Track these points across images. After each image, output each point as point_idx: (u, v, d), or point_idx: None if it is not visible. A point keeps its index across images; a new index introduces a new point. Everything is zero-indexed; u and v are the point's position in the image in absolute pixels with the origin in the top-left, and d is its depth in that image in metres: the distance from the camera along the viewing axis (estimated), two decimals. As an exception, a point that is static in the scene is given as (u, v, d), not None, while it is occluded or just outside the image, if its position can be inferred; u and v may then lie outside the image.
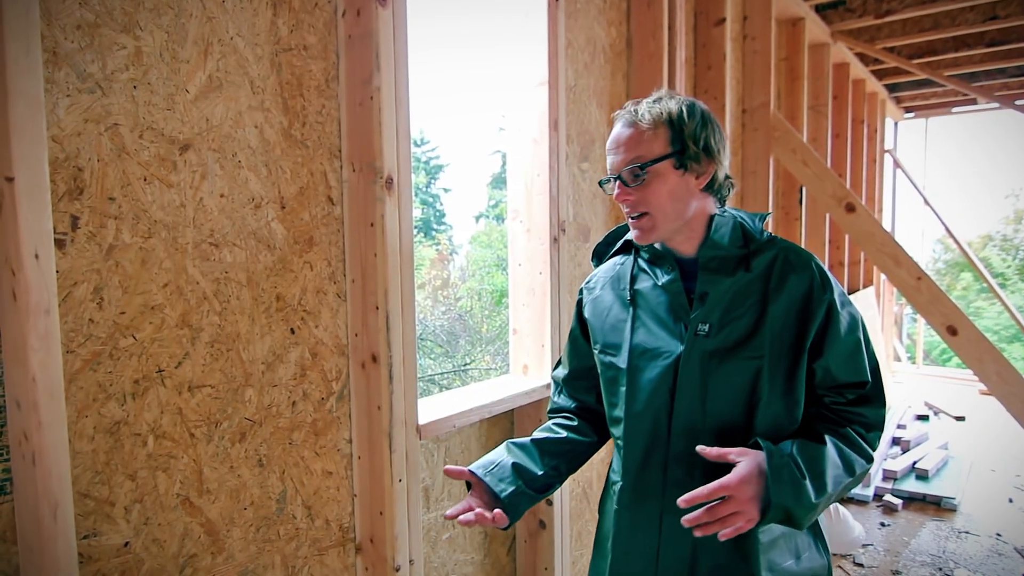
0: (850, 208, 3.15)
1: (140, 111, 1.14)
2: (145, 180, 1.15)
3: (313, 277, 1.45)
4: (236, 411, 1.31)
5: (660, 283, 1.19)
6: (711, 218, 1.16)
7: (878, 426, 1.15)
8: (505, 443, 1.28)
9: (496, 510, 1.12)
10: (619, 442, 1.24)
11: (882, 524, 3.55)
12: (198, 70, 1.22)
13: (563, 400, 1.39)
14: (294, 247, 1.40)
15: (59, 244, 1.04)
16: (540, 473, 1.23)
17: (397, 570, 1.51)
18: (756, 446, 1.05)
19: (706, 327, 1.13)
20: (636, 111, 1.14)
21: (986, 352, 2.84)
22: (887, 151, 6.96)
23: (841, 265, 5.19)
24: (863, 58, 5.32)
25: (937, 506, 3.77)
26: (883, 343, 5.82)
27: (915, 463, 4.16)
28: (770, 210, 3.47)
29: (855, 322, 1.13)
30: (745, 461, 1.00)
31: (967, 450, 4.65)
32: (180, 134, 1.20)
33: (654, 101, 1.14)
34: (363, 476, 1.53)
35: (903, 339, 8.41)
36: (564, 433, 1.31)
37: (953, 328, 2.91)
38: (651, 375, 1.16)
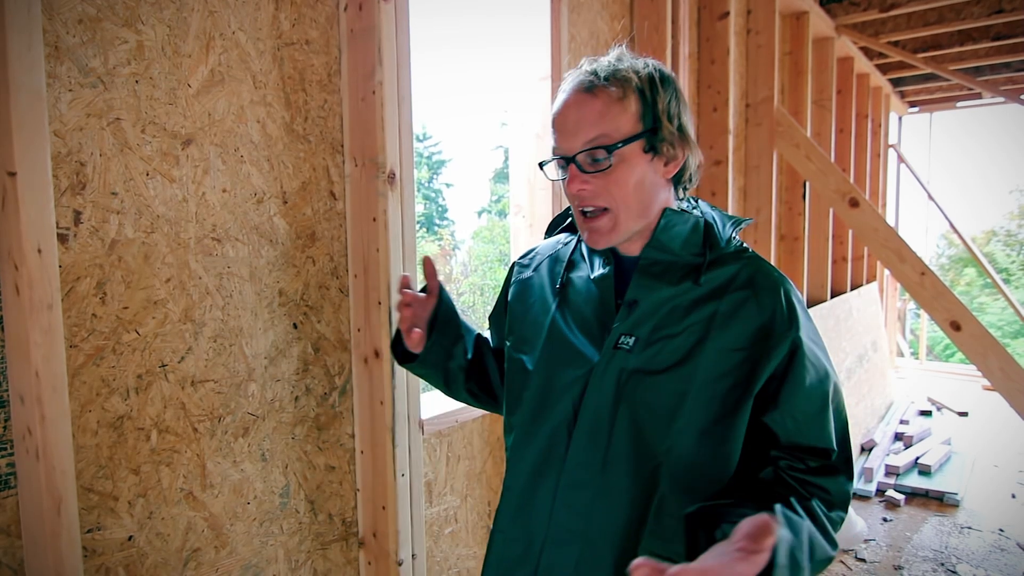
0: (854, 203, 3.14)
1: (142, 106, 1.13)
2: (147, 175, 1.15)
3: (315, 272, 1.45)
4: (239, 406, 1.31)
5: (593, 276, 0.99)
6: (663, 212, 0.93)
7: (842, 505, 0.89)
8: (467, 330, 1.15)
9: (417, 332, 1.02)
10: (508, 454, 1.03)
11: (884, 519, 3.55)
12: (200, 64, 1.21)
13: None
14: (296, 242, 1.40)
15: (62, 239, 1.04)
16: (453, 381, 1.12)
17: (400, 564, 1.52)
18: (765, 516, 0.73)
19: (630, 340, 0.91)
20: (596, 73, 0.88)
21: (990, 348, 2.84)
22: (891, 146, 6.93)
23: (844, 260, 5.18)
24: (867, 52, 5.30)
25: (940, 501, 3.77)
26: (887, 339, 5.81)
27: (918, 458, 4.16)
28: (773, 204, 3.46)
29: (824, 373, 0.89)
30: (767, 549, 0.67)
31: (970, 446, 4.64)
32: (182, 129, 1.19)
33: (617, 60, 0.90)
34: (366, 471, 1.54)
35: (906, 335, 8.40)
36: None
37: (957, 323, 2.90)
38: (558, 383, 0.95)
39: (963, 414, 5.49)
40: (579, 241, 1.06)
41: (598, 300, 0.97)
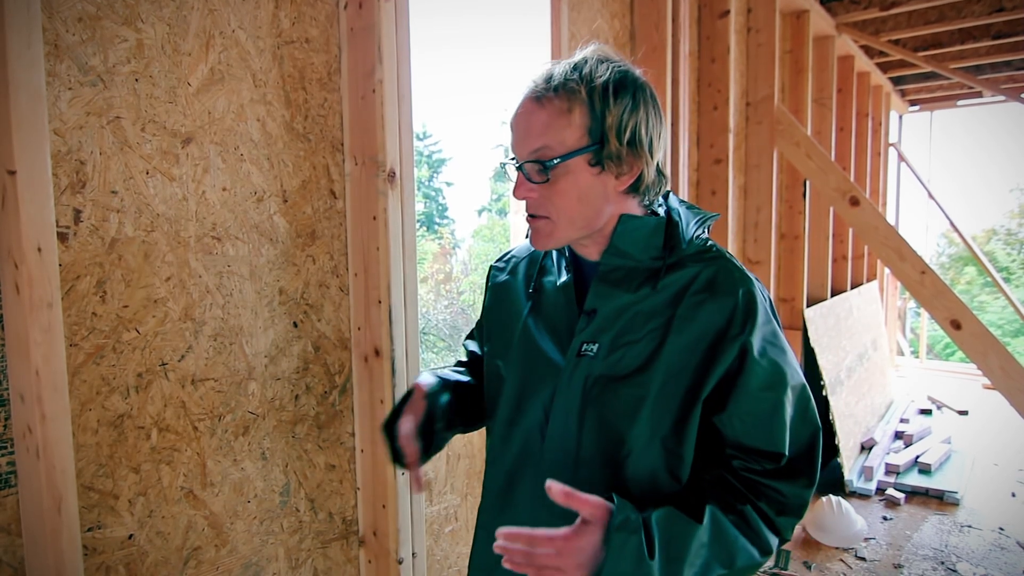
0: (854, 202, 3.14)
1: (142, 104, 1.13)
2: (147, 173, 1.15)
3: (316, 271, 1.44)
4: (239, 404, 1.31)
5: (558, 284, 0.99)
6: (620, 218, 0.92)
7: (795, 510, 0.89)
8: (439, 378, 1.09)
9: (422, 475, 0.98)
10: (487, 455, 1.06)
11: (884, 518, 3.56)
12: (200, 63, 1.21)
13: (471, 370, 1.22)
14: (296, 240, 1.40)
15: (62, 237, 1.04)
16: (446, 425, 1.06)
17: (400, 563, 1.52)
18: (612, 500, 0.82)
19: (594, 347, 0.91)
20: (549, 80, 0.87)
21: (990, 346, 2.84)
22: (891, 144, 6.93)
23: (845, 259, 5.18)
24: (868, 51, 5.29)
25: (940, 500, 3.77)
26: (887, 338, 5.81)
27: (918, 457, 4.16)
28: (773, 203, 3.46)
29: (778, 377, 0.88)
30: (591, 522, 0.78)
31: (970, 444, 4.64)
32: (182, 127, 1.19)
33: (574, 68, 0.87)
34: (366, 469, 1.54)
35: (907, 333, 8.40)
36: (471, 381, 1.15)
37: (957, 322, 2.90)
38: (530, 388, 0.97)
39: (963, 413, 5.49)
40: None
41: (564, 307, 0.97)
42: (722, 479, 0.90)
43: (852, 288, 5.24)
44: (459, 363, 1.26)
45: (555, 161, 0.86)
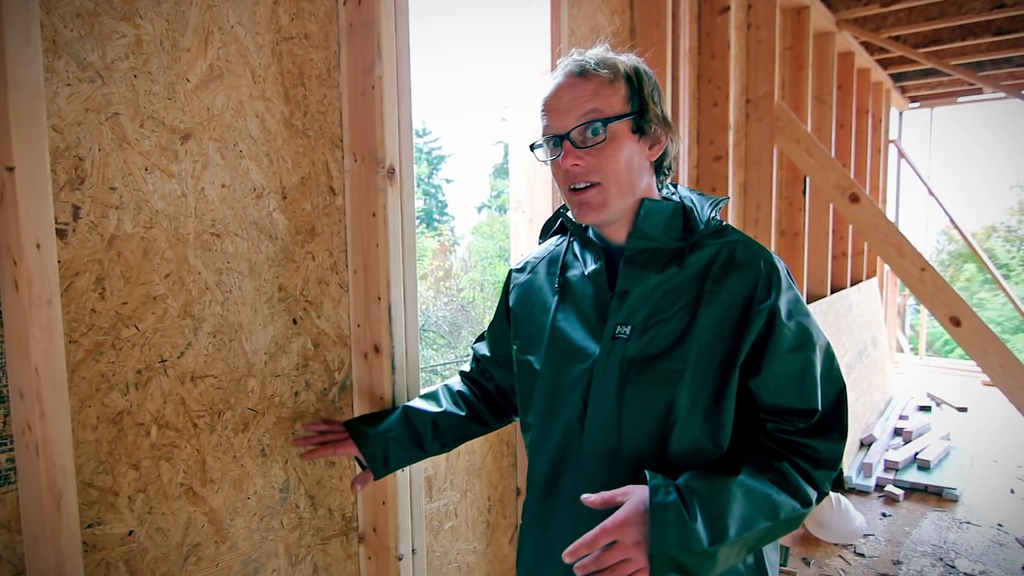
0: (854, 198, 3.13)
1: (141, 100, 1.13)
2: (146, 170, 1.15)
3: (315, 267, 1.44)
4: (239, 401, 1.31)
5: (586, 273, 1.03)
6: (641, 202, 0.98)
7: (830, 464, 0.94)
8: (404, 412, 1.23)
9: (365, 474, 1.14)
10: (528, 450, 1.10)
11: (884, 514, 3.56)
12: (199, 59, 1.21)
13: (478, 374, 1.29)
14: (296, 237, 1.40)
15: (60, 234, 1.04)
16: (425, 452, 1.19)
17: (400, 559, 1.52)
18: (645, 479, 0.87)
19: (627, 329, 0.96)
20: (588, 59, 0.95)
21: (989, 343, 2.84)
22: (892, 141, 6.92)
23: (844, 256, 5.18)
24: (868, 47, 5.28)
25: (939, 496, 3.78)
26: (887, 334, 5.81)
27: (917, 454, 4.17)
28: (773, 199, 3.45)
29: (805, 338, 0.94)
30: (630, 500, 0.83)
31: (969, 441, 4.65)
32: (181, 123, 1.19)
33: (604, 51, 0.97)
34: (366, 466, 1.54)
35: (906, 330, 8.40)
36: (465, 412, 1.23)
37: (956, 319, 2.90)
38: (566, 380, 1.01)
39: (962, 410, 5.50)
40: (571, 242, 1.10)
41: (594, 295, 1.01)
42: (757, 442, 0.94)
43: (852, 285, 5.24)
44: (462, 374, 1.32)
45: (611, 119, 0.91)
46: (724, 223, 1.01)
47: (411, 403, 1.22)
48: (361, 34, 1.42)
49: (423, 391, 1.27)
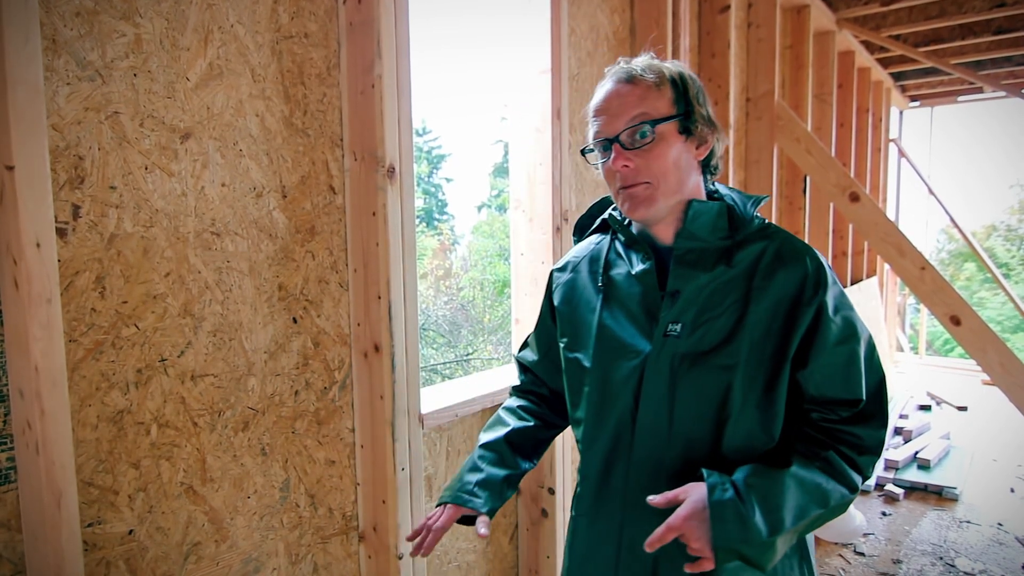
0: (854, 197, 3.13)
1: (140, 99, 1.13)
2: (146, 169, 1.15)
3: (315, 266, 1.44)
4: (239, 400, 1.31)
5: (634, 272, 1.06)
6: (689, 203, 1.01)
7: (873, 450, 0.99)
8: (478, 453, 1.20)
9: (481, 519, 1.08)
10: (580, 445, 1.14)
11: (883, 513, 3.56)
12: (198, 58, 1.21)
13: (531, 384, 1.31)
14: (296, 236, 1.40)
15: (60, 233, 1.04)
16: (514, 474, 1.18)
17: (400, 558, 1.52)
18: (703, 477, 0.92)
19: (678, 327, 0.99)
20: (635, 66, 1.00)
21: (989, 342, 2.84)
22: (892, 140, 6.92)
23: (845, 255, 5.18)
24: (868, 46, 5.28)
25: (939, 496, 3.78)
26: (886, 333, 5.81)
27: (917, 453, 4.17)
28: (773, 198, 3.45)
29: (851, 331, 0.98)
30: (689, 498, 0.89)
31: (969, 440, 4.65)
32: (181, 123, 1.19)
33: (650, 59, 1.02)
34: (366, 465, 1.54)
35: (906, 329, 8.40)
36: (532, 421, 1.24)
37: (956, 318, 2.90)
38: (616, 376, 1.04)
39: (962, 409, 5.50)
40: (613, 240, 1.13)
41: (642, 294, 1.05)
42: (803, 432, 0.99)
43: (852, 284, 5.24)
44: (514, 388, 1.32)
45: (658, 121, 0.96)
46: (767, 221, 1.05)
47: (481, 440, 1.23)
48: (361, 33, 1.42)
49: (486, 427, 1.26)
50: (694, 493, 0.89)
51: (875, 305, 5.62)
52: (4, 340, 1.00)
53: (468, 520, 1.13)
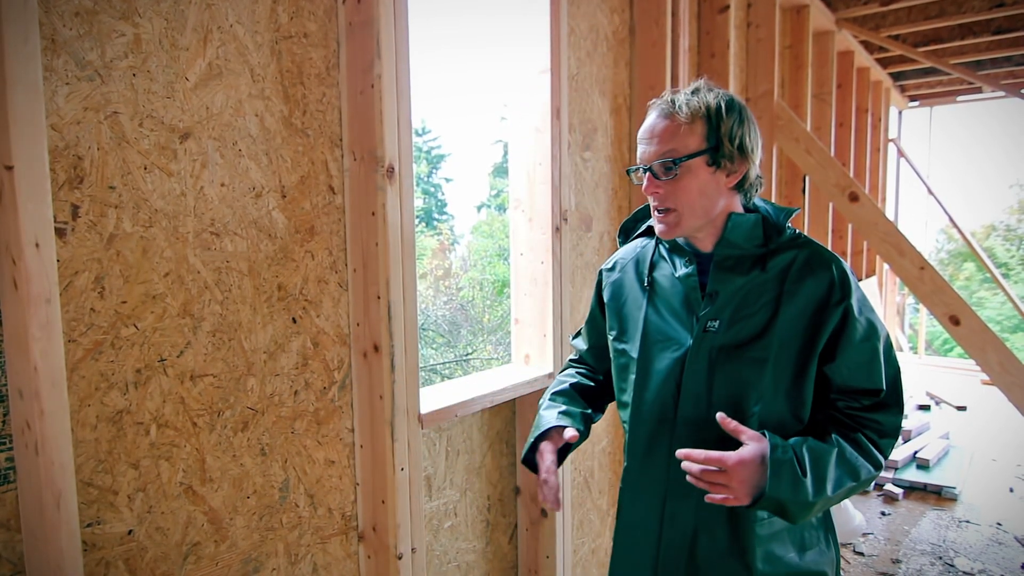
0: (853, 197, 3.13)
1: (140, 99, 1.13)
2: (145, 169, 1.15)
3: (314, 266, 1.44)
4: (238, 400, 1.31)
5: (677, 275, 1.20)
6: (729, 216, 1.15)
7: (892, 433, 1.13)
8: (549, 401, 1.34)
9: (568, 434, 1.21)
10: (626, 425, 1.27)
11: (883, 513, 3.57)
12: (198, 58, 1.21)
13: (583, 363, 1.47)
14: (295, 236, 1.40)
15: (59, 233, 1.04)
16: (586, 412, 1.33)
17: (399, 558, 1.52)
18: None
19: (716, 323, 1.14)
20: (673, 102, 1.12)
21: (988, 342, 2.84)
22: (891, 140, 6.92)
23: (844, 255, 5.18)
24: (868, 46, 5.28)
25: (938, 495, 3.78)
26: (885, 333, 5.81)
27: (916, 452, 4.17)
28: (772, 198, 3.45)
29: (873, 330, 1.12)
30: (751, 446, 1.02)
31: (968, 440, 4.65)
32: (180, 122, 1.19)
33: (692, 93, 1.13)
34: (365, 465, 1.54)
35: (905, 329, 8.40)
36: (590, 382, 1.41)
37: (956, 318, 2.90)
38: (660, 365, 1.18)
39: (961, 408, 5.50)
40: (657, 245, 1.27)
41: (684, 293, 1.19)
42: (832, 417, 1.13)
43: (851, 284, 5.23)
44: (571, 361, 1.51)
45: (682, 159, 1.09)
46: (798, 231, 1.18)
47: (548, 394, 1.37)
48: (360, 33, 1.42)
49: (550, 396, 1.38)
50: (755, 444, 1.02)
51: (874, 304, 5.62)
52: (3, 340, 1.00)
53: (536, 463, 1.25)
